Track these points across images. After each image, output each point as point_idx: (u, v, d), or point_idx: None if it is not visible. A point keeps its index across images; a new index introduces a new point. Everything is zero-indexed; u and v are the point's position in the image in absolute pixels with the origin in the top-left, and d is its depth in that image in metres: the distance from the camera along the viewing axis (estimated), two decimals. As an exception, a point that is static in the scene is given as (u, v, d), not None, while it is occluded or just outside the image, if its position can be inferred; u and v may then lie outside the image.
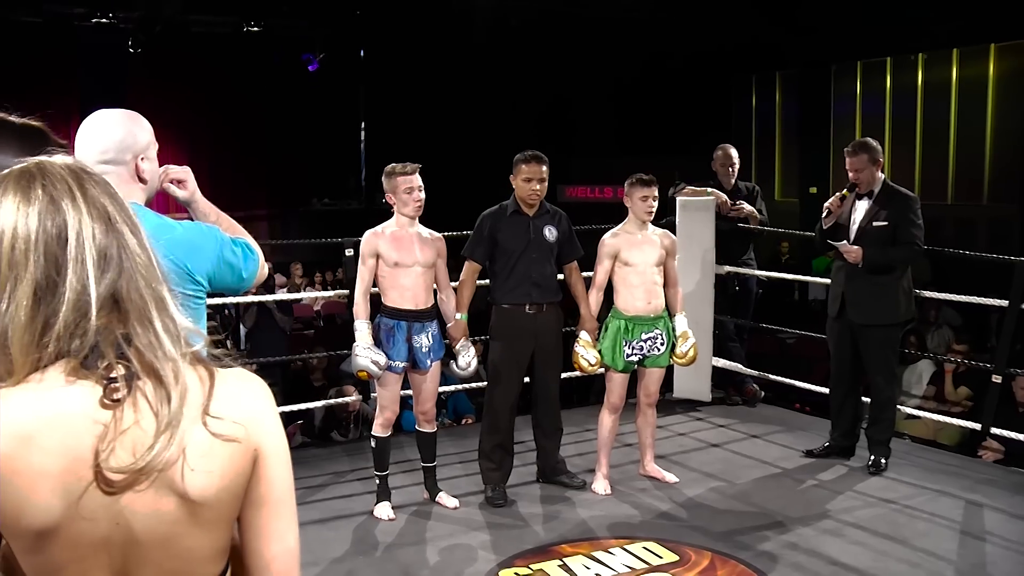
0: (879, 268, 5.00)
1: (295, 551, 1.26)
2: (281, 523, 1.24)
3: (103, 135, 2.26)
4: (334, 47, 15.78)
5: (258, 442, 1.21)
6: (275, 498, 1.24)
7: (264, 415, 1.23)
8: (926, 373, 7.15)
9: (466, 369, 4.72)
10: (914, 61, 14.25)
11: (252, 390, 1.24)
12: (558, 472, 5.02)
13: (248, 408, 1.21)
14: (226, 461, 1.17)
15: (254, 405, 1.23)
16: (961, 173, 13.87)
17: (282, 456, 1.25)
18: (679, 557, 4.07)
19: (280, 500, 1.24)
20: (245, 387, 1.23)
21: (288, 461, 1.26)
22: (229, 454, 1.17)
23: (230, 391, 1.20)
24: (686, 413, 6.36)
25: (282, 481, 1.25)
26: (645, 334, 4.83)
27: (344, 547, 4.25)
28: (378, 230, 4.53)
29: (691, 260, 6.29)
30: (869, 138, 5.25)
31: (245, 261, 2.39)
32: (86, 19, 13.23)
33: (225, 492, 1.18)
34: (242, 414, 1.20)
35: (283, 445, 1.25)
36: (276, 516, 1.24)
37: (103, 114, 2.30)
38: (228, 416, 1.18)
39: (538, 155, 4.76)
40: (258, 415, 1.22)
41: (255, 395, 1.24)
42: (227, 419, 1.18)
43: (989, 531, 4.37)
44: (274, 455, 1.23)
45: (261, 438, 1.21)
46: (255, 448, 1.21)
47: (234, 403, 1.19)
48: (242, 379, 1.24)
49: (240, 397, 1.21)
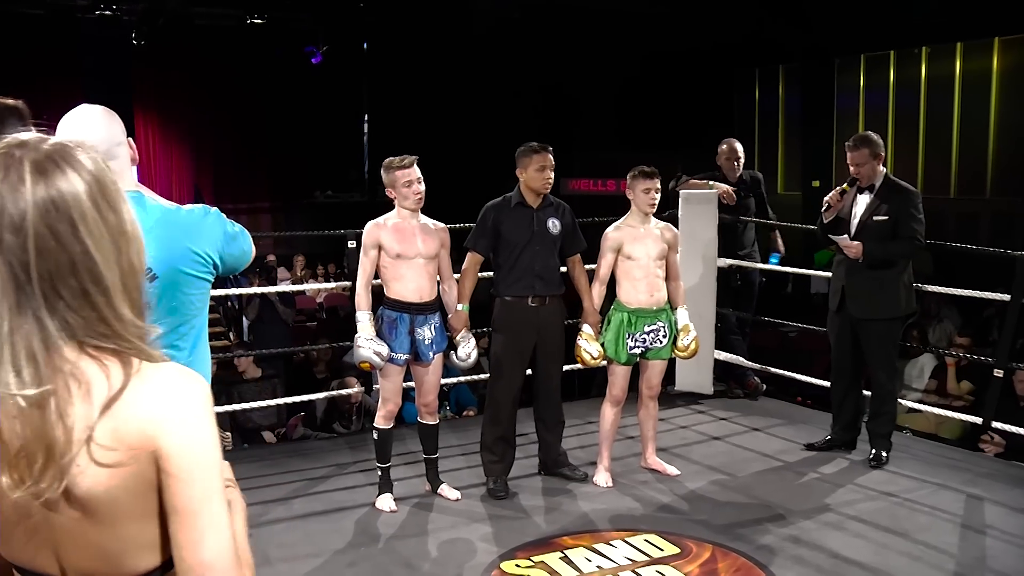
0: (879, 263, 5.00)
1: (214, 564, 1.17)
2: (193, 534, 1.17)
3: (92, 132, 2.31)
4: (337, 40, 15.76)
5: (158, 444, 1.15)
6: (182, 506, 1.17)
7: (171, 417, 1.16)
8: (928, 367, 7.15)
9: (466, 360, 4.72)
10: (918, 55, 14.23)
11: (168, 390, 1.18)
12: (560, 464, 5.03)
13: (154, 409, 1.16)
14: (116, 460, 1.13)
15: (162, 406, 1.16)
16: (964, 167, 13.85)
17: (191, 462, 1.17)
18: (680, 549, 4.08)
19: (189, 510, 1.17)
20: (162, 386, 1.18)
21: (207, 468, 1.18)
22: (119, 454, 1.14)
23: (144, 389, 1.16)
24: (688, 406, 6.37)
25: (191, 489, 1.17)
26: (647, 327, 4.84)
27: (346, 539, 4.26)
28: (380, 221, 4.53)
29: (693, 253, 6.29)
30: (870, 132, 5.23)
31: (244, 234, 2.50)
32: (89, 11, 13.20)
33: (120, 491, 1.15)
34: (146, 414, 1.15)
35: (194, 451, 1.17)
36: (187, 526, 1.17)
37: (85, 109, 2.37)
38: (131, 415, 1.14)
39: (545, 145, 4.77)
40: (164, 417, 1.16)
41: (168, 396, 1.18)
42: (128, 418, 1.14)
43: (990, 525, 4.37)
44: (179, 460, 1.16)
45: (162, 441, 1.15)
46: (153, 450, 1.15)
47: (142, 402, 1.15)
48: (165, 378, 1.19)
49: (151, 396, 1.16)
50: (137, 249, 1.23)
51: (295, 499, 4.75)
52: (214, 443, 1.20)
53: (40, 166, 1.16)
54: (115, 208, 1.20)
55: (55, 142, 1.20)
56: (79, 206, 1.16)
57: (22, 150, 1.17)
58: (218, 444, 1.21)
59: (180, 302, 2.32)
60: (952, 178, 13.97)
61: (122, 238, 1.20)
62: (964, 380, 6.81)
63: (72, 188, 1.16)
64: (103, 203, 1.18)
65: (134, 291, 1.21)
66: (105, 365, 1.16)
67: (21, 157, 1.16)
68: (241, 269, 2.59)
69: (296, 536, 4.28)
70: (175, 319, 2.32)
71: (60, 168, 1.17)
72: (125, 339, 1.18)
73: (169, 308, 2.29)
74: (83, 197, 1.16)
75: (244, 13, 14.17)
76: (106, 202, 1.19)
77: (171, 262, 2.28)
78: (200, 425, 1.19)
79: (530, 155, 4.73)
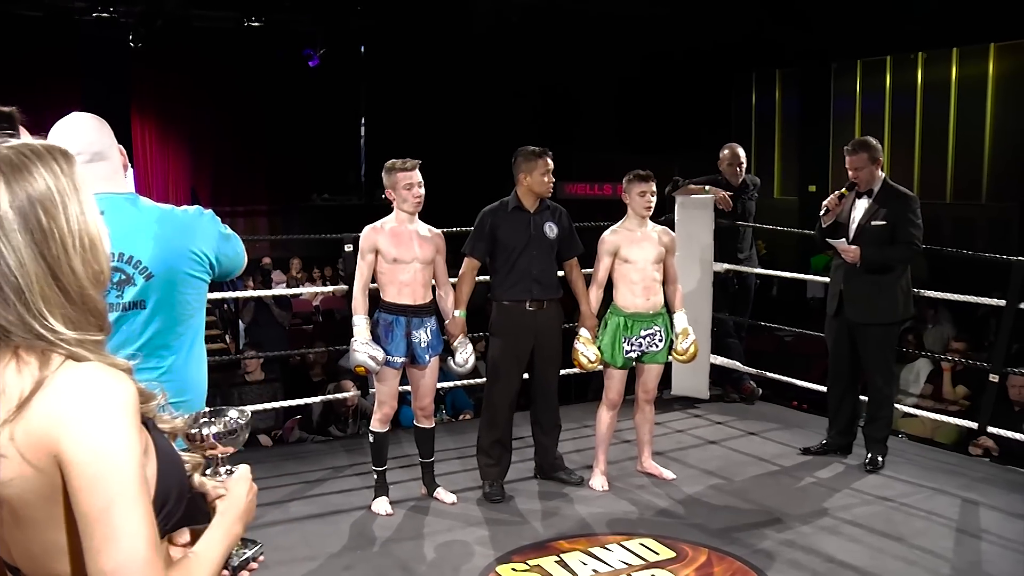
0: (877, 267, 5.01)
1: (115, 574, 1.13)
2: (93, 541, 1.13)
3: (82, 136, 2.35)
4: (335, 43, 15.77)
5: (60, 448, 1.13)
6: (85, 513, 1.13)
7: (74, 420, 1.13)
8: (924, 371, 7.15)
9: (463, 366, 4.73)
10: (914, 60, 14.27)
11: (76, 391, 1.16)
12: (556, 468, 5.03)
13: (61, 409, 1.14)
14: (20, 460, 1.13)
15: (69, 407, 1.14)
16: (960, 172, 13.89)
17: (94, 468, 1.13)
18: (676, 553, 4.08)
19: (90, 517, 1.13)
20: (71, 387, 1.16)
21: (111, 474, 1.14)
22: (22, 453, 1.13)
23: (54, 389, 1.15)
24: (684, 410, 6.38)
25: (92, 496, 1.13)
26: (644, 331, 4.85)
27: (342, 542, 4.26)
28: (377, 226, 4.54)
29: (690, 258, 6.30)
30: (869, 137, 5.25)
31: (236, 237, 2.54)
32: (87, 13, 13.20)
33: (29, 495, 1.14)
34: (51, 415, 1.13)
35: (97, 456, 1.13)
36: (88, 534, 1.13)
37: (75, 116, 2.42)
38: (38, 415, 1.13)
39: (545, 149, 4.78)
40: (68, 418, 1.13)
41: (74, 397, 1.15)
42: (35, 419, 1.13)
43: (985, 529, 4.38)
44: (80, 466, 1.13)
45: (64, 443, 1.13)
46: (55, 453, 1.13)
47: (52, 401, 1.14)
48: (77, 378, 1.17)
49: (58, 397, 1.15)
50: (85, 258, 1.23)
51: (291, 502, 4.74)
52: (123, 447, 1.15)
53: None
54: (51, 217, 1.20)
55: (14, 147, 1.22)
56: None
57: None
58: (132, 445, 1.16)
59: (177, 301, 2.33)
60: (948, 183, 14.01)
61: (57, 247, 1.20)
62: (960, 385, 6.82)
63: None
64: (31, 212, 1.19)
65: (71, 300, 1.21)
66: (24, 366, 1.17)
67: None
68: (236, 273, 2.61)
69: (292, 539, 4.28)
70: (171, 319, 2.33)
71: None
72: (53, 343, 1.17)
73: (166, 307, 2.30)
74: (3, 205, 1.18)
75: (242, 15, 14.17)
76: (36, 212, 1.20)
77: (169, 261, 2.30)
78: (106, 427, 1.14)
79: (534, 160, 4.73)
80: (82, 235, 1.23)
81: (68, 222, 1.22)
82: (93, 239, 1.25)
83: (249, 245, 2.62)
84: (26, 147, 1.23)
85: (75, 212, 1.23)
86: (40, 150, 1.24)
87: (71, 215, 1.22)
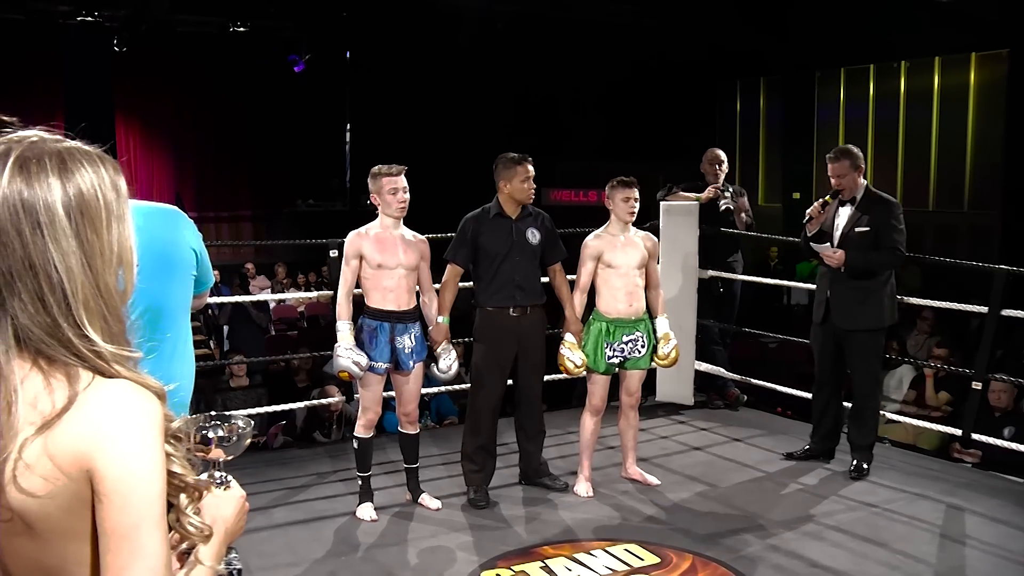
0: (860, 272, 5.03)
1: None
2: (118, 559, 1.13)
3: None
4: (320, 48, 15.76)
5: (94, 464, 1.12)
6: (112, 530, 1.13)
7: (110, 438, 1.13)
8: (906, 378, 7.19)
9: (447, 372, 4.72)
10: (897, 68, 14.39)
11: (110, 408, 1.14)
12: (540, 474, 5.03)
13: (93, 427, 1.13)
14: (49, 476, 1.12)
15: (101, 425, 1.13)
16: (942, 180, 13.99)
17: (125, 486, 1.13)
18: (660, 559, 4.08)
19: (118, 534, 1.13)
20: (105, 404, 1.14)
21: (142, 492, 1.14)
22: (53, 469, 1.12)
23: (87, 405, 1.14)
24: (668, 416, 6.38)
25: (121, 514, 1.13)
26: (626, 336, 4.85)
27: (326, 548, 4.25)
28: (362, 231, 4.54)
29: (674, 264, 6.31)
30: (851, 145, 5.29)
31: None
32: (71, 17, 13.15)
33: (53, 508, 1.13)
34: (84, 432, 1.12)
35: (130, 475, 1.13)
36: (113, 551, 1.13)
37: None
38: (70, 431, 1.12)
39: (525, 155, 4.79)
40: (103, 436, 1.13)
41: (109, 415, 1.14)
42: (66, 434, 1.12)
43: (968, 534, 4.40)
44: (113, 482, 1.12)
45: (98, 460, 1.12)
46: (88, 469, 1.12)
47: (82, 419, 1.13)
48: (110, 395, 1.15)
49: (92, 413, 1.13)
50: (119, 274, 1.21)
51: (275, 508, 4.72)
52: (154, 466, 1.15)
53: (24, 165, 1.15)
54: (95, 228, 1.18)
55: (66, 147, 1.19)
56: (49, 212, 1.14)
57: (19, 145, 1.16)
58: (160, 467, 1.16)
59: (163, 294, 2.32)
60: (930, 191, 14.11)
61: (99, 259, 1.18)
62: (943, 391, 6.86)
63: (46, 195, 1.14)
64: (80, 219, 1.16)
65: (109, 314, 1.18)
66: (53, 380, 1.14)
67: (10, 151, 1.15)
68: (206, 283, 2.61)
69: (276, 545, 4.26)
70: (156, 315, 2.31)
71: (44, 172, 1.15)
72: (83, 355, 1.15)
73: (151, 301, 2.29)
74: (57, 207, 1.15)
75: (227, 21, 14.15)
76: (86, 219, 1.17)
77: (155, 249, 2.29)
78: (140, 447, 1.14)
79: (513, 167, 4.74)
80: (122, 251, 1.21)
81: (110, 234, 1.20)
82: (130, 256, 1.23)
83: (233, 251, 2.63)
84: (78, 149, 1.20)
85: (117, 227, 1.21)
86: (92, 154, 1.21)
87: (114, 229, 1.20)
